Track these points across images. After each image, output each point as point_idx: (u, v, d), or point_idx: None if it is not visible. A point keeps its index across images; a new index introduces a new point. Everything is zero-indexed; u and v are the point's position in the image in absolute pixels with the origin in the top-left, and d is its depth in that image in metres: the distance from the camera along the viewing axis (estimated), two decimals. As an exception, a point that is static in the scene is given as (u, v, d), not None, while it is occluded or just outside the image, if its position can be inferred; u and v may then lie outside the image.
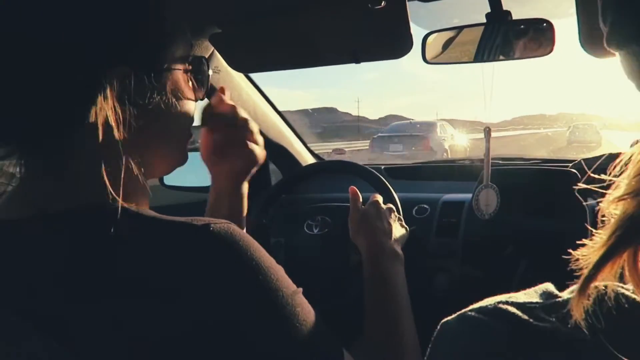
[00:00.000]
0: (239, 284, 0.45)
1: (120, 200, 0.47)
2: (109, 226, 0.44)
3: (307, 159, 1.79)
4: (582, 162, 1.49)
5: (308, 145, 1.84)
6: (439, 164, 1.92)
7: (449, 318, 0.39)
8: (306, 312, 0.49)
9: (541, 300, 0.35)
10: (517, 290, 1.22)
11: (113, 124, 0.47)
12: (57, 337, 0.41)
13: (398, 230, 0.94)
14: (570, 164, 1.49)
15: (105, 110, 0.47)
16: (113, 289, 0.43)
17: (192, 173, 1.79)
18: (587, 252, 0.33)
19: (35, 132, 0.47)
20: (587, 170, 1.39)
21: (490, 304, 0.36)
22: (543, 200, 1.26)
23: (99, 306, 0.42)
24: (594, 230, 0.34)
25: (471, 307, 0.38)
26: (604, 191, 0.36)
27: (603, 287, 0.32)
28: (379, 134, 14.18)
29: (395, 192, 1.22)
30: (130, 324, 0.42)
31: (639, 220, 0.31)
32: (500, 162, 1.79)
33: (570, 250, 0.35)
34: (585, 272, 0.32)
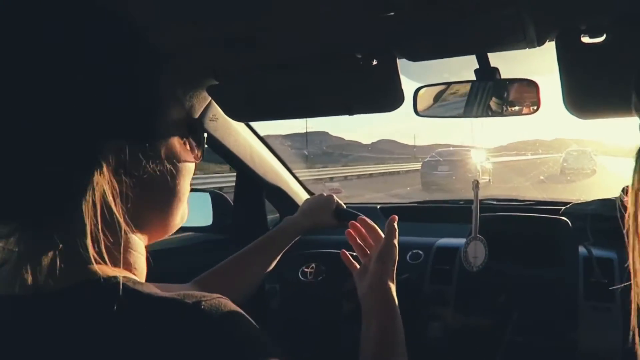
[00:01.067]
0: None
1: (120, 274, 0.48)
2: (104, 305, 0.46)
3: (303, 198, 1.81)
4: (573, 206, 1.52)
5: (295, 171, 1.86)
6: (435, 205, 1.94)
7: None
8: None
9: None
10: (508, 341, 1.21)
11: (110, 198, 0.49)
12: None
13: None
14: (562, 208, 1.51)
15: (102, 185, 0.48)
16: None
17: (192, 213, 1.82)
18: None
19: (36, 210, 0.48)
20: (578, 216, 1.39)
21: None
22: (535, 249, 1.27)
23: None
24: None
25: None
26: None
27: None
28: (428, 158, 17.55)
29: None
30: None
31: None
32: (495, 203, 1.81)
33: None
34: None
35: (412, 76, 1.25)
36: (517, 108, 0.98)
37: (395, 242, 0.95)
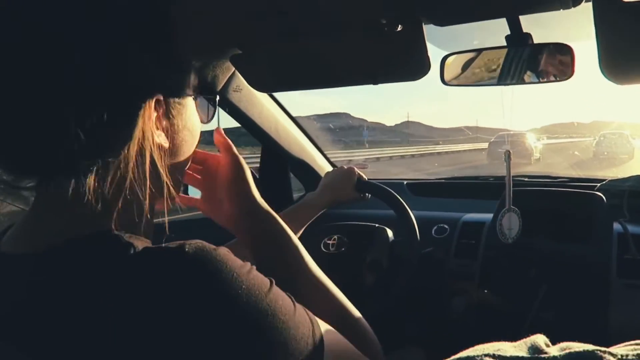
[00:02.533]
0: (214, 303, 0.46)
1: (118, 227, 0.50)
2: (101, 257, 0.47)
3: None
4: (610, 183, 1.46)
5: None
6: (462, 181, 1.90)
7: None
8: (286, 304, 0.51)
9: (527, 355, 0.35)
10: (535, 317, 1.18)
11: (155, 148, 0.51)
12: None
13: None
14: (598, 185, 1.45)
15: (149, 136, 0.50)
16: (98, 319, 0.44)
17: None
18: None
19: (69, 162, 0.46)
20: (614, 193, 1.33)
21: (477, 356, 0.36)
22: (567, 224, 1.23)
23: (87, 335, 0.44)
24: None
25: (459, 356, 0.38)
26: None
27: None
28: (493, 139, 20.92)
29: (414, 211, 1.21)
30: (115, 353, 0.43)
31: None
32: (526, 179, 1.76)
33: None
34: None
35: (439, 44, 1.20)
36: (551, 75, 0.93)
37: (235, 150, 0.73)
